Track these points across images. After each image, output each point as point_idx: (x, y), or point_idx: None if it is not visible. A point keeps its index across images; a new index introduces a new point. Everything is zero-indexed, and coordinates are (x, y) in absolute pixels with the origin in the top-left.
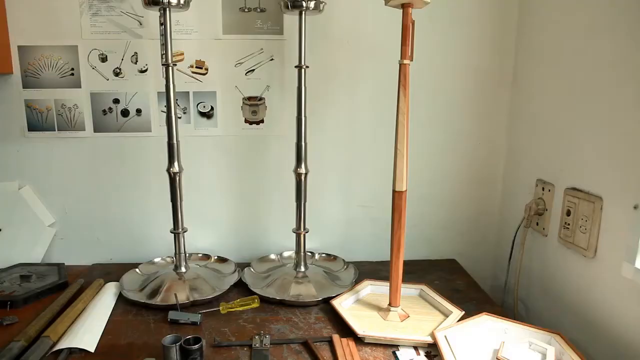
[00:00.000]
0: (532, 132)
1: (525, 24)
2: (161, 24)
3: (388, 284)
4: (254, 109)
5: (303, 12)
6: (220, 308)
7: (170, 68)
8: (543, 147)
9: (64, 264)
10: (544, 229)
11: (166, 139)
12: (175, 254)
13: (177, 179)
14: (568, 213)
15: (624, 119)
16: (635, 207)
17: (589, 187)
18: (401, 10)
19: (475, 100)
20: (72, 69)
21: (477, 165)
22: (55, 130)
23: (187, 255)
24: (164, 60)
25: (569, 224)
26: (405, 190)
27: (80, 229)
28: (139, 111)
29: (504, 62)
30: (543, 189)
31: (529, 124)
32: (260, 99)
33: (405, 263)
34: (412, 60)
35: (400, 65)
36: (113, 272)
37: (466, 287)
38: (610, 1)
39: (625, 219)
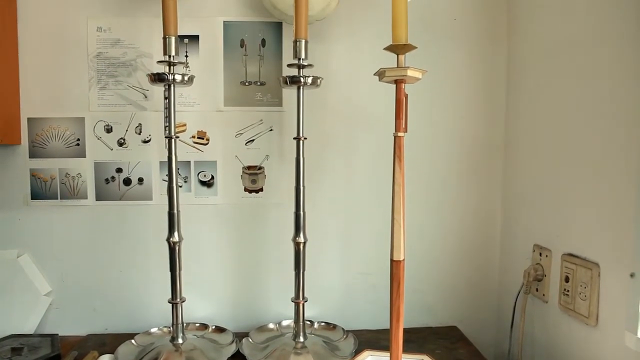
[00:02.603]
0: (526, 197)
1: (514, 92)
2: (165, 98)
3: (388, 354)
4: (253, 177)
5: (301, 87)
6: None
7: (173, 140)
8: (538, 212)
9: (57, 334)
10: (544, 295)
11: (167, 208)
12: (173, 324)
13: (177, 248)
14: (567, 279)
15: (616, 186)
16: (631, 276)
17: (585, 253)
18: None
19: (469, 166)
20: (78, 140)
21: (474, 230)
22: (57, 199)
23: (185, 325)
24: (167, 132)
25: (568, 291)
26: (403, 260)
27: (76, 298)
28: (140, 180)
29: (494, 130)
30: (540, 254)
31: (522, 189)
32: (260, 168)
33: (406, 331)
34: (406, 131)
35: (395, 137)
36: (108, 343)
37: (469, 356)
38: (597, 71)
39: (623, 287)
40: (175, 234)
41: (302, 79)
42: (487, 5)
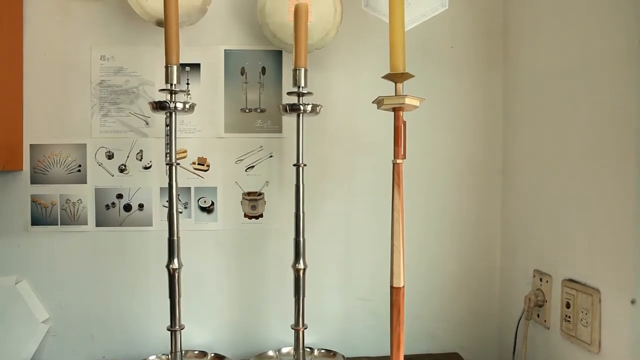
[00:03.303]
0: (526, 222)
1: (510, 118)
2: (167, 125)
3: None
4: (253, 203)
5: (301, 115)
6: None
7: (173, 167)
8: (537, 237)
9: None
10: (545, 321)
11: (167, 234)
12: (171, 352)
13: (176, 275)
14: (568, 305)
15: (615, 212)
16: (632, 302)
17: (585, 278)
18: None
19: (468, 191)
20: (79, 166)
21: (473, 255)
22: (58, 225)
23: (184, 352)
24: (168, 159)
25: (569, 317)
26: (403, 286)
27: (74, 325)
28: (141, 206)
29: (492, 155)
30: (541, 279)
31: (521, 213)
32: (260, 194)
33: (407, 358)
34: (405, 158)
35: (393, 164)
36: None
37: None
38: (592, 97)
39: (624, 313)
40: (175, 260)
41: (301, 107)
42: (483, 33)
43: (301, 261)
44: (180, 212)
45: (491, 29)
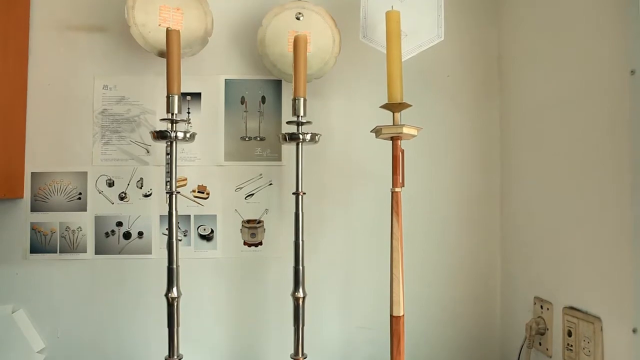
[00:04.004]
0: (525, 249)
1: (507, 145)
2: (167, 154)
3: None
4: (252, 231)
5: (300, 144)
6: None
7: (174, 196)
8: (537, 263)
9: None
10: (547, 349)
11: (166, 262)
12: None
13: (175, 304)
14: (569, 333)
15: (614, 239)
16: (634, 331)
17: (586, 306)
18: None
19: (466, 218)
20: (80, 193)
21: (473, 282)
22: (57, 253)
23: None
24: (168, 188)
25: (571, 345)
26: (403, 315)
27: (70, 355)
28: (140, 234)
29: (490, 181)
30: (542, 307)
31: (521, 240)
32: (259, 221)
33: None
34: (403, 186)
35: (392, 192)
36: None
37: None
38: (587, 125)
39: (626, 342)
40: (174, 289)
41: (301, 136)
42: (478, 61)
43: (300, 290)
44: (180, 240)
45: (487, 58)
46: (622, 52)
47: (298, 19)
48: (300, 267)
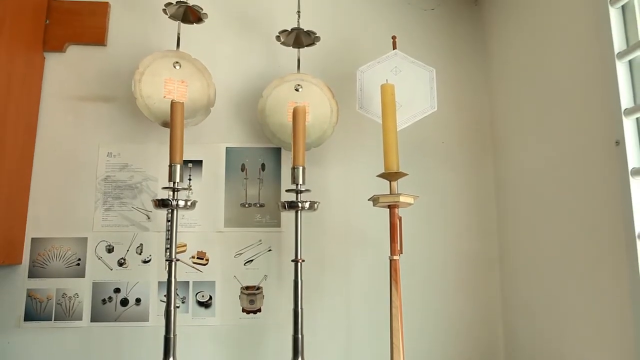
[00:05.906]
0: (526, 310)
1: (503, 208)
2: (168, 221)
3: None
4: (251, 298)
5: (299, 212)
6: None
7: (173, 263)
8: (539, 325)
9: None
10: None
11: (163, 331)
12: None
13: None
14: None
15: (615, 302)
16: None
17: None
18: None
19: (466, 282)
20: (79, 259)
21: (475, 348)
22: (51, 320)
23: None
24: (168, 255)
25: None
26: None
27: None
28: (138, 300)
29: (488, 245)
30: None
31: (521, 301)
32: (258, 288)
33: None
34: (401, 253)
35: (390, 260)
36: None
37: None
38: (582, 187)
39: None
40: (171, 359)
41: (300, 204)
42: (472, 128)
43: (299, 359)
44: (178, 307)
45: (479, 124)
46: (607, 123)
47: (297, 90)
48: (300, 336)
